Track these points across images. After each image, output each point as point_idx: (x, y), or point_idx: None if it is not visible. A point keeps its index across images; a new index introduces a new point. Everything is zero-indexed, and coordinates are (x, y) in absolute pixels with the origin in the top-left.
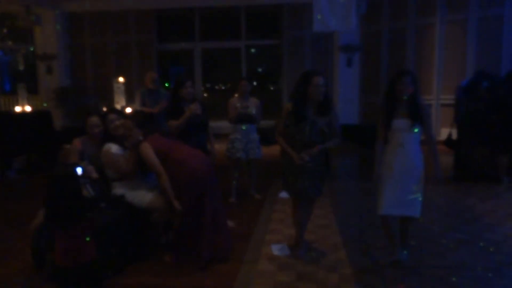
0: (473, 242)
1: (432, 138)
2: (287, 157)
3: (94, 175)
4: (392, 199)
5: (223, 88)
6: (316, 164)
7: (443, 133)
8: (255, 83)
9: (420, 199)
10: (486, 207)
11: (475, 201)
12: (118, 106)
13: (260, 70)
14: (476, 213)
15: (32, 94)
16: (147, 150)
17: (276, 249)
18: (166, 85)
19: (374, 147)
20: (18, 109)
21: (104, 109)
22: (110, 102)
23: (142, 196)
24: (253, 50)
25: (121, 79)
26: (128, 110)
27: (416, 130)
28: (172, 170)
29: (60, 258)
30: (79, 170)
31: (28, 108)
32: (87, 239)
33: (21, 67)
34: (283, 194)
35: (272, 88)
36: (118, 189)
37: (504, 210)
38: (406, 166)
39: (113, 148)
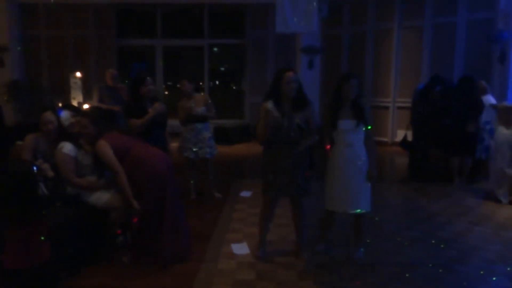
0: (426, 239)
1: (372, 139)
2: (268, 155)
3: (50, 173)
4: (342, 197)
5: None
6: (298, 162)
7: (399, 135)
8: (217, 82)
9: (369, 194)
10: (438, 206)
11: (428, 200)
12: (74, 102)
13: (223, 69)
14: (429, 212)
15: None
16: (104, 148)
17: (236, 248)
18: (126, 82)
19: (321, 147)
20: None
21: (60, 104)
22: (66, 98)
23: (98, 195)
24: (216, 49)
25: (78, 74)
26: (86, 106)
27: (364, 129)
28: (131, 169)
29: (11, 261)
30: (33, 168)
31: None
32: (42, 238)
33: None
34: (244, 193)
35: (234, 88)
36: (73, 188)
37: (455, 209)
38: (355, 165)
39: (66, 147)
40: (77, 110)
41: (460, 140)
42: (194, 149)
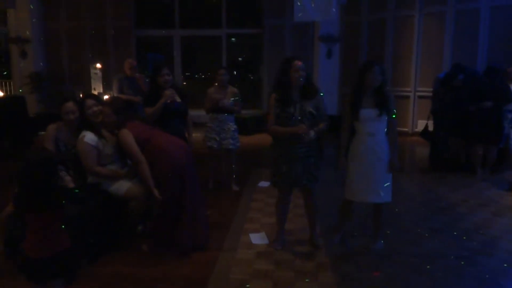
0: (447, 231)
1: (395, 128)
2: (279, 147)
3: (71, 185)
4: (363, 187)
5: (203, 77)
6: (309, 151)
7: (420, 125)
8: (235, 73)
9: (390, 185)
10: (459, 197)
11: (450, 191)
12: (95, 93)
13: (240, 59)
14: (450, 203)
15: (5, 79)
16: (127, 136)
17: (254, 238)
18: (146, 72)
19: (340, 136)
20: None
21: (81, 95)
22: (86, 88)
23: (119, 185)
24: (233, 39)
25: (98, 65)
26: (105, 97)
27: (387, 119)
28: (152, 158)
29: (32, 249)
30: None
31: (0, 94)
32: (62, 227)
33: None
34: (262, 184)
35: (252, 78)
36: (94, 177)
37: (477, 200)
38: (376, 154)
39: (87, 136)
40: (99, 100)
41: (484, 129)
42: (218, 139)
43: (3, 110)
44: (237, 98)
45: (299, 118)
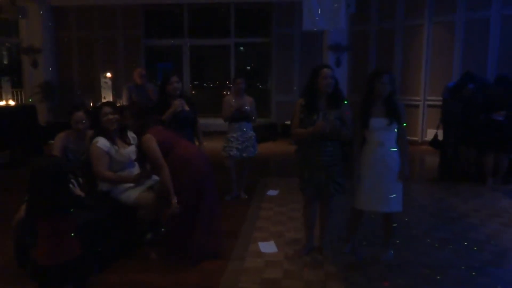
0: (457, 241)
1: (404, 138)
2: (302, 153)
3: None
4: (372, 196)
5: (211, 85)
6: (334, 160)
7: (430, 134)
8: None
9: (401, 194)
10: (470, 207)
11: (459, 201)
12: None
13: (249, 68)
14: (460, 213)
15: (16, 88)
16: (150, 141)
17: (263, 247)
18: (157, 83)
19: (353, 146)
20: (1, 103)
21: (91, 104)
22: (96, 98)
23: (128, 193)
24: (242, 48)
25: (108, 75)
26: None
27: (397, 128)
28: (174, 167)
29: (43, 257)
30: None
31: (12, 103)
32: (72, 235)
33: (6, 61)
34: (271, 192)
35: (261, 87)
36: (104, 184)
37: (487, 210)
38: (386, 163)
39: (100, 141)
40: (116, 108)
41: (495, 138)
42: (240, 148)
43: (14, 119)
44: (253, 106)
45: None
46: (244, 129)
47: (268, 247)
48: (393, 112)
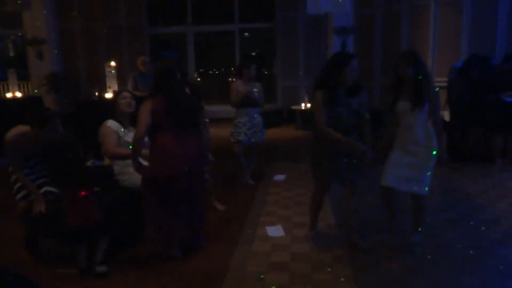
0: (465, 221)
1: (437, 120)
2: (323, 143)
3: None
4: (399, 174)
5: (217, 72)
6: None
7: None
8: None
9: (427, 178)
10: (478, 188)
11: (468, 181)
12: (110, 91)
13: (254, 53)
14: (468, 194)
15: (23, 80)
16: (144, 105)
17: (271, 231)
18: None
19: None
20: (8, 95)
21: (96, 93)
22: (102, 87)
23: (134, 178)
24: (246, 34)
25: (112, 63)
26: None
27: (426, 110)
28: (155, 148)
29: (71, 219)
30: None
31: (19, 95)
32: (91, 201)
33: (11, 54)
34: (278, 177)
35: (266, 72)
36: (112, 160)
37: (496, 191)
38: (413, 146)
39: (110, 122)
40: (133, 94)
41: (503, 118)
42: (248, 133)
43: (21, 110)
44: (261, 92)
45: (347, 118)
46: (252, 115)
47: (275, 231)
48: (417, 96)
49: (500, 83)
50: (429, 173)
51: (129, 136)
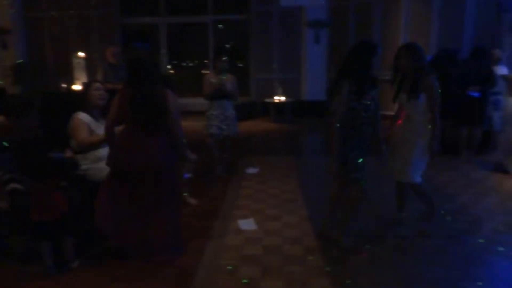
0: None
1: (433, 112)
2: (339, 136)
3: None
4: (393, 165)
5: (190, 64)
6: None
7: None
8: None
9: (416, 167)
10: (445, 178)
11: (436, 172)
12: (78, 83)
13: (227, 46)
14: (436, 184)
15: None
16: (119, 95)
17: (243, 224)
18: None
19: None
20: None
21: (64, 85)
22: (70, 79)
23: (102, 170)
24: (220, 26)
25: (81, 54)
26: None
27: (422, 102)
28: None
29: (36, 213)
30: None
31: None
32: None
33: None
34: (250, 170)
35: (240, 65)
36: (82, 163)
37: (462, 181)
38: (407, 136)
39: (81, 114)
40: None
41: (469, 111)
42: (221, 126)
43: None
44: (234, 84)
45: (372, 110)
46: (225, 107)
47: (247, 224)
48: (412, 87)
49: (467, 78)
50: (418, 164)
51: (101, 129)
